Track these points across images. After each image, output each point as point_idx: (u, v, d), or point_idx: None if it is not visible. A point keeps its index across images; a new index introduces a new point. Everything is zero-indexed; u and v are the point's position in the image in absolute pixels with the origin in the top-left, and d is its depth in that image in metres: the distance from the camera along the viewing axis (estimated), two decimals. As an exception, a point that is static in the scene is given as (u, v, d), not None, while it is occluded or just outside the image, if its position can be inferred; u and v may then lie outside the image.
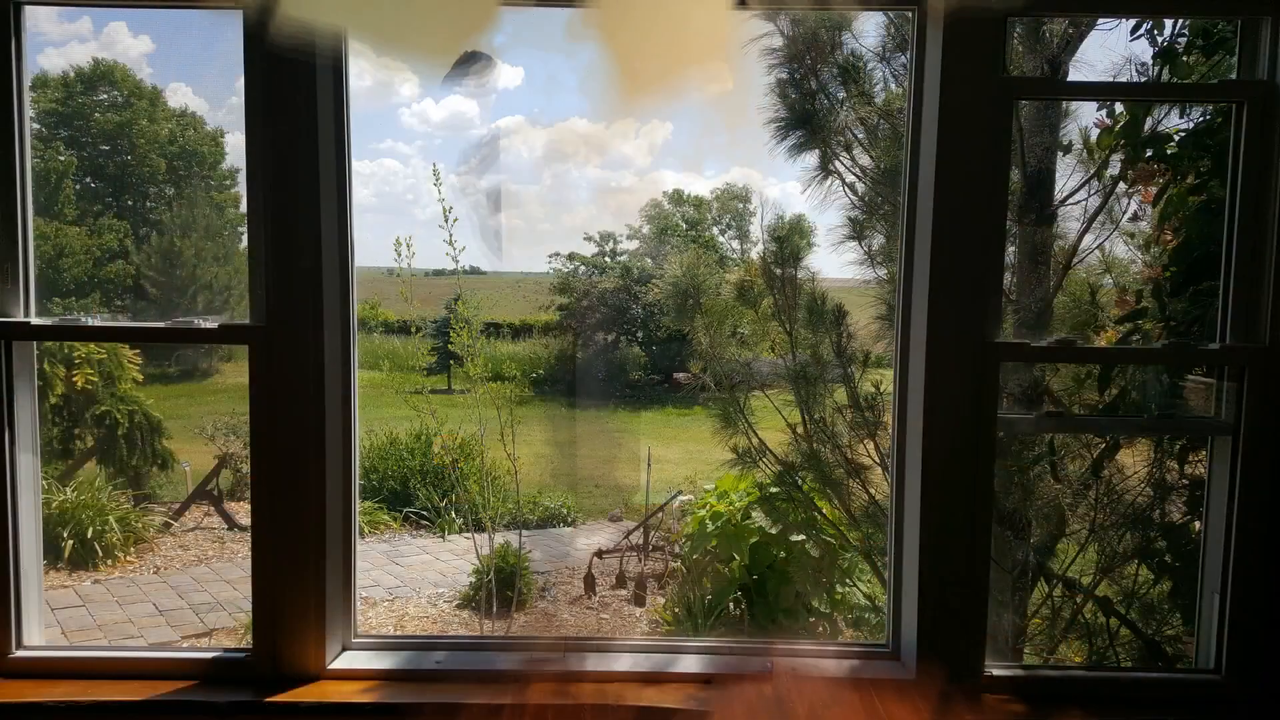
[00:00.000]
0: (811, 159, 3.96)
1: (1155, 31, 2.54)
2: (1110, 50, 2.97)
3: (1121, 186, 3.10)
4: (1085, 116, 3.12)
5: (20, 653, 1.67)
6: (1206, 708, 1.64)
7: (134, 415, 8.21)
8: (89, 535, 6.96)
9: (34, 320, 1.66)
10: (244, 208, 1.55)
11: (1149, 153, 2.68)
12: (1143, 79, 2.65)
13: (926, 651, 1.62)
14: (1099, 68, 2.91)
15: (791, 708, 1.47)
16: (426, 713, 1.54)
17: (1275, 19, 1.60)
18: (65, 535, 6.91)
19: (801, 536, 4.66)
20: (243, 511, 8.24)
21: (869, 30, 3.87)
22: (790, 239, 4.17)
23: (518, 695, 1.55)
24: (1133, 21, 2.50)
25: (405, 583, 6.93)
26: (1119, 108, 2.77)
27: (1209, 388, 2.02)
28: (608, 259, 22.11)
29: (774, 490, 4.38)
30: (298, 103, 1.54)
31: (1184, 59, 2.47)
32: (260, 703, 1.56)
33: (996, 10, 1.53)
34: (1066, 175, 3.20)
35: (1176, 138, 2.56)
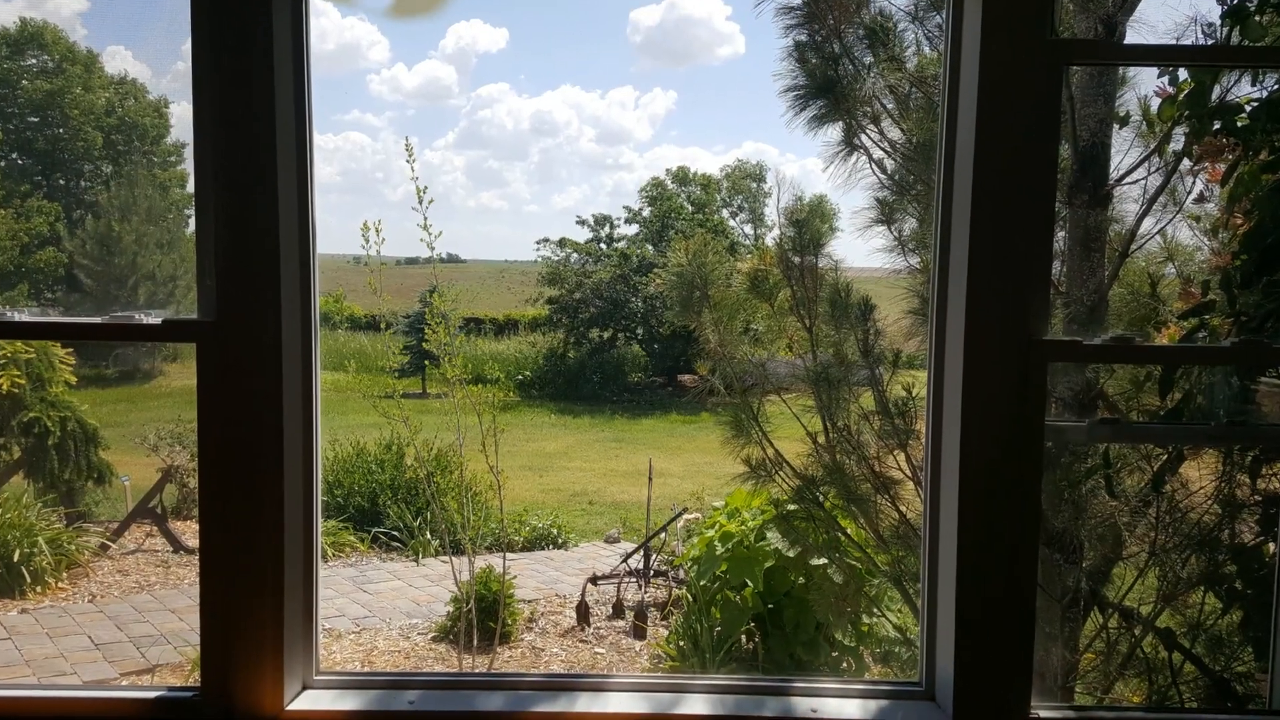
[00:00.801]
0: (834, 132, 3.97)
1: (1224, -13, 2.53)
2: (1173, 9, 2.97)
3: (1185, 163, 3.10)
4: (1144, 84, 3.12)
5: (-63, 692, 1.67)
6: (1282, 754, 1.64)
7: (66, 423, 8.21)
8: (15, 559, 6.96)
9: (-47, 315, 1.66)
10: (191, 187, 1.55)
11: (1217, 125, 2.68)
12: (1210, 41, 2.65)
13: (965, 691, 1.62)
14: (1160, 29, 2.92)
15: None
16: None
17: (1360, -27, 1.60)
18: (-12, 559, 6.91)
19: (823, 560, 4.67)
20: (190, 532, 8.25)
21: (899, -14, 3.87)
22: (810, 223, 4.17)
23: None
24: (1198, -24, 2.50)
25: (374, 612, 6.94)
26: (1183, 74, 2.77)
27: (1285, 391, 2.02)
28: (603, 245, 22.14)
29: (792, 508, 4.38)
30: (253, 68, 1.54)
31: (1257, 19, 2.47)
32: (210, 748, 1.56)
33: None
34: (1123, 151, 3.20)
35: (1248, 108, 2.56)
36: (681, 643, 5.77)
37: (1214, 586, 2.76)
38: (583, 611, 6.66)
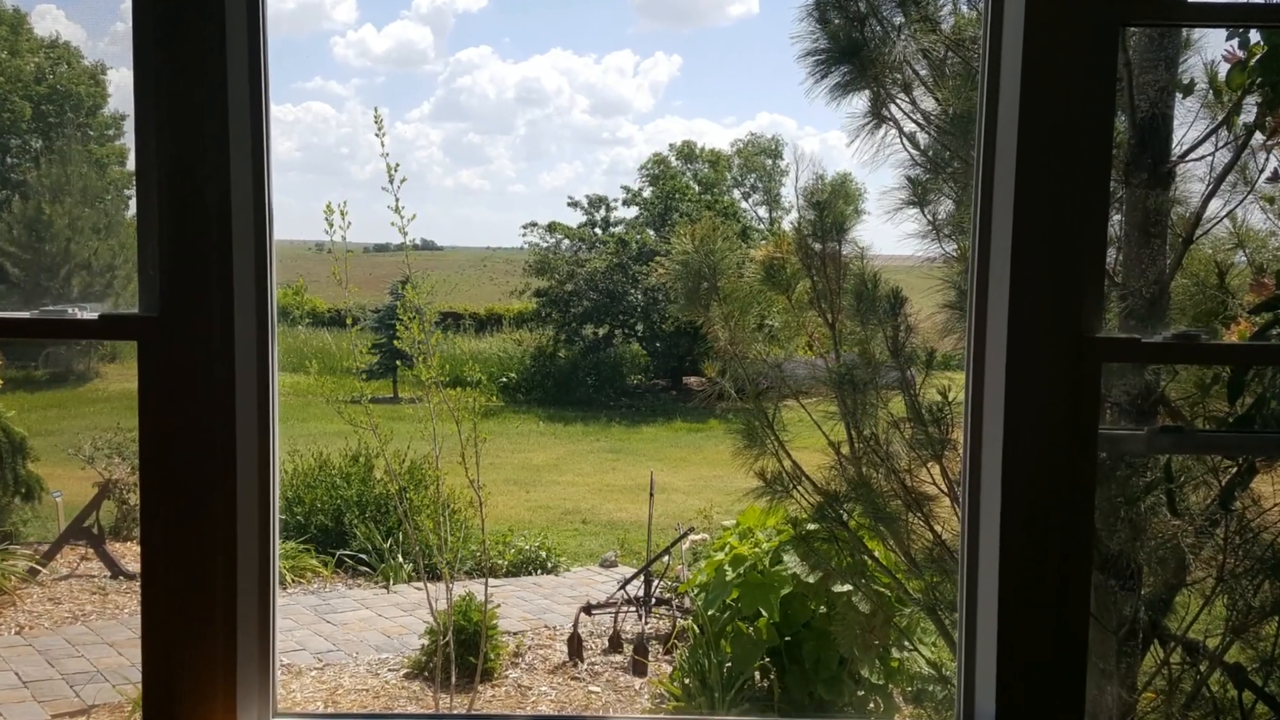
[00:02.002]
0: (860, 102, 3.97)
1: (1302, -62, 2.54)
2: (1244, -38, 2.97)
3: (1258, 137, 3.10)
4: (1212, 48, 3.12)
5: None
6: (1367, 806, 1.64)
7: (-10, 431, 8.20)
8: (-68, 585, 6.96)
9: None
10: (131, 165, 1.55)
11: (1293, 94, 2.68)
12: (1285, -1, 2.65)
13: (1008, 734, 1.62)
14: (1229, -15, 2.91)
15: None
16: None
17: None
18: (-99, 585, 6.92)
19: (847, 587, 4.67)
20: (130, 554, 8.25)
21: (933, -63, 3.88)
22: (832, 205, 4.17)
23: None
24: (1273, -75, 2.50)
25: (339, 645, 6.94)
26: (1255, 36, 2.77)
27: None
28: (598, 230, 22.16)
29: (812, 528, 4.38)
30: (202, 28, 1.54)
31: (1339, -27, 2.47)
32: (153, 800, 1.56)
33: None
34: (1187, 123, 3.20)
35: (1329, 75, 2.56)
36: (687, 680, 5.77)
37: (1290, 617, 2.76)
38: (575, 645, 6.67)
